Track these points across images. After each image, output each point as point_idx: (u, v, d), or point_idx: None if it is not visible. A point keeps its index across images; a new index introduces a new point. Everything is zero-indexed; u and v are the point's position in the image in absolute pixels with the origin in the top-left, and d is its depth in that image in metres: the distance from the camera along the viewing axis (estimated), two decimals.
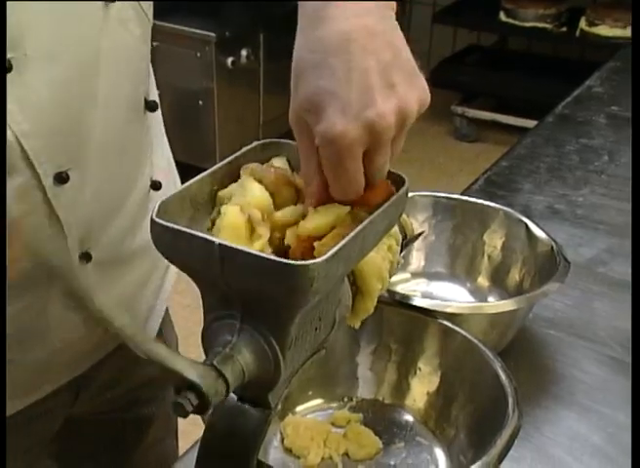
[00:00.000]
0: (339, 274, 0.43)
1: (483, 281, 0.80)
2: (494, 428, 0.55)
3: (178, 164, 0.72)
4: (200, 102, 2.25)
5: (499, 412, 0.56)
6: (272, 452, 0.61)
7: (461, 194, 0.91)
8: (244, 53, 2.27)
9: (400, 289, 0.75)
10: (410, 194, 0.80)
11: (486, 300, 0.78)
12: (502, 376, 0.58)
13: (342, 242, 0.42)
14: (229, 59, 2.23)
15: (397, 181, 0.49)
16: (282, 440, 0.62)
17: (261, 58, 2.33)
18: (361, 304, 0.52)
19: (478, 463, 0.52)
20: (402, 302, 0.65)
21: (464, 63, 2.91)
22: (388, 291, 0.65)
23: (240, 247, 0.40)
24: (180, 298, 1.83)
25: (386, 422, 0.65)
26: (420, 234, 0.63)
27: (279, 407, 0.49)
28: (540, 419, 0.68)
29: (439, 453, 0.62)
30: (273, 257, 0.40)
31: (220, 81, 2.23)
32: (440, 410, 0.64)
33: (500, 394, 0.57)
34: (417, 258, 0.82)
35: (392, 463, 0.61)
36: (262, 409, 0.48)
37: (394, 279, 0.79)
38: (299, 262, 0.40)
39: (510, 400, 0.56)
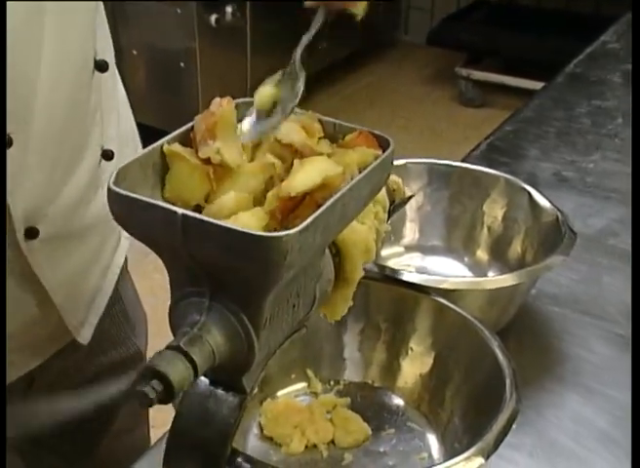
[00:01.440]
0: (316, 246, 0.42)
1: (482, 254, 0.80)
2: (490, 412, 0.54)
3: (157, 131, 0.71)
4: (181, 64, 2.22)
5: (496, 396, 0.56)
6: (251, 440, 0.61)
7: (461, 161, 0.90)
8: (229, 9, 2.24)
9: (392, 263, 0.74)
10: (403, 161, 0.80)
11: (485, 275, 0.78)
12: (500, 357, 0.58)
13: (319, 211, 0.41)
14: (213, 17, 2.21)
15: (382, 144, 0.48)
16: (262, 427, 0.62)
17: (248, 16, 2.30)
18: (339, 290, 0.51)
19: (472, 450, 0.51)
20: (392, 278, 0.64)
21: (470, 21, 2.88)
22: (378, 265, 0.65)
23: (204, 217, 0.39)
24: (162, 278, 1.83)
25: (376, 407, 0.64)
26: (409, 198, 0.62)
27: (256, 391, 0.48)
28: (543, 403, 0.67)
29: (432, 440, 0.62)
30: (240, 228, 0.39)
31: (202, 40, 2.20)
32: (433, 394, 0.63)
33: (497, 376, 0.57)
34: (410, 231, 0.81)
35: (382, 450, 0.61)
36: (237, 394, 0.47)
37: (386, 253, 0.78)
38: (269, 234, 0.39)
39: (508, 382, 0.56)
